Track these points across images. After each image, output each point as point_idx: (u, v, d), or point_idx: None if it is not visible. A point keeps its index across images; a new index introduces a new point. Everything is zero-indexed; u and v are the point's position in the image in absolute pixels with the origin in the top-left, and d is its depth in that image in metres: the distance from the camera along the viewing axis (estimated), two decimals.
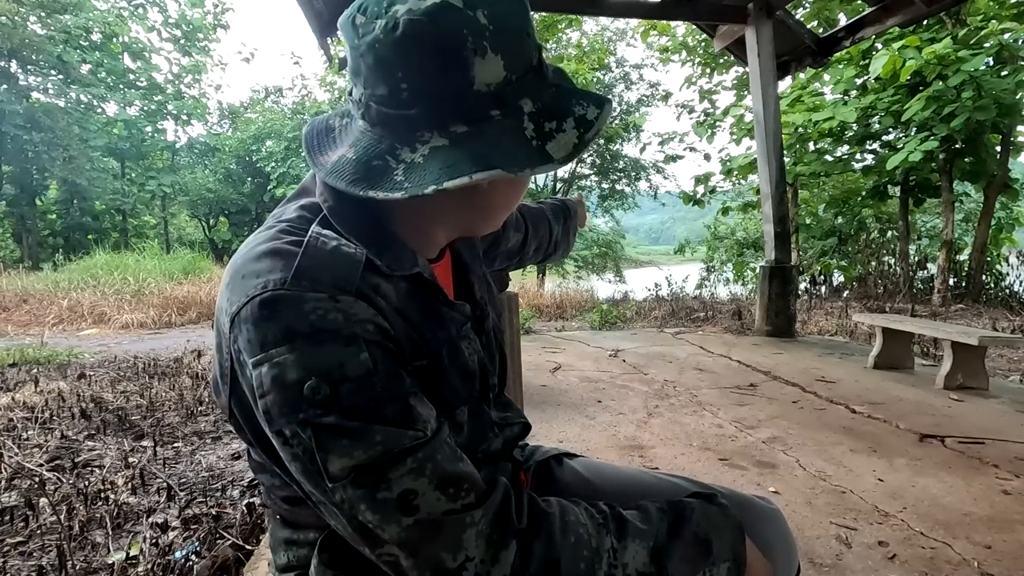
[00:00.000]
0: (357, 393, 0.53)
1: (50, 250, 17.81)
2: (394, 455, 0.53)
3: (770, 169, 5.48)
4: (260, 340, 0.53)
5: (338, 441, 0.52)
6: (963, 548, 1.70)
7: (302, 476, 0.55)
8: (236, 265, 0.60)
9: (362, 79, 0.57)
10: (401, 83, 0.55)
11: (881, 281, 9.05)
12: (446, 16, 0.53)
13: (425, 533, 0.53)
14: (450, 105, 0.56)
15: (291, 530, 0.73)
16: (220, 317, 0.59)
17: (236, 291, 0.57)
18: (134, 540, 1.90)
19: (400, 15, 0.53)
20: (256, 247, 0.60)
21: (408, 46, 0.54)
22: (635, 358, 4.50)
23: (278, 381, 0.53)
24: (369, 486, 0.53)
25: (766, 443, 2.59)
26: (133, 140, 19.72)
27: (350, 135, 0.60)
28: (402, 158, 0.56)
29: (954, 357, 3.51)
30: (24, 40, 16.29)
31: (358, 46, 0.56)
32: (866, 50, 8.44)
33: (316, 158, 0.61)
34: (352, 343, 0.54)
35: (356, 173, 0.56)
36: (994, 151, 8.49)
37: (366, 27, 0.55)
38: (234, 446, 2.86)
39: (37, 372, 4.59)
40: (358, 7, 0.57)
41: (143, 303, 8.60)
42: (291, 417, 0.53)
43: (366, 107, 0.58)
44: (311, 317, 0.54)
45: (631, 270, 21.64)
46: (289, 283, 0.54)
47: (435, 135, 0.56)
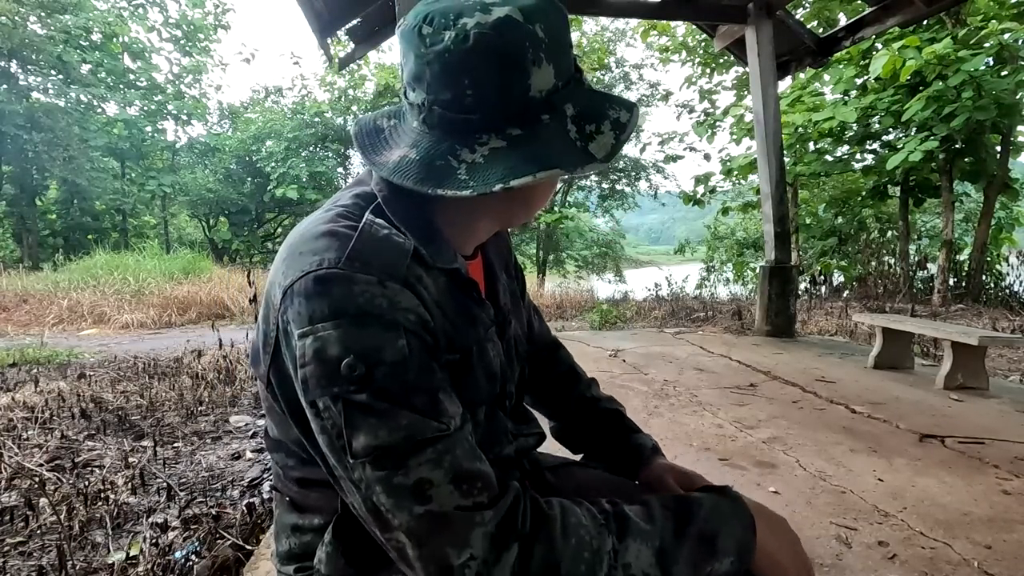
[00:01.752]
0: (390, 377, 0.56)
1: (50, 250, 17.79)
2: (416, 443, 0.56)
3: (770, 169, 5.48)
4: (309, 313, 0.57)
5: (366, 419, 0.56)
6: (963, 548, 1.70)
7: (327, 449, 0.58)
8: (293, 242, 0.64)
9: (425, 84, 0.61)
10: (467, 89, 0.60)
11: (881, 281, 9.05)
12: (511, 30, 0.59)
13: (434, 526, 0.55)
14: (508, 110, 0.61)
15: (298, 515, 0.75)
16: (272, 289, 0.63)
17: (292, 266, 0.61)
18: (134, 540, 1.90)
19: (470, 28, 0.59)
20: (314, 227, 0.64)
21: (477, 56, 0.59)
22: (635, 358, 4.50)
23: (319, 354, 0.56)
24: (387, 469, 0.55)
25: (766, 443, 2.59)
26: (133, 140, 19.70)
27: (405, 136, 0.65)
28: (463, 158, 0.61)
29: (954, 357, 3.51)
30: (24, 40, 16.28)
31: (425, 54, 0.60)
32: (866, 50, 8.44)
33: (372, 157, 0.65)
34: (392, 329, 0.58)
35: (421, 172, 0.61)
36: (994, 151, 8.49)
37: (434, 37, 0.60)
38: (234, 446, 2.86)
39: (37, 372, 4.59)
40: (423, 18, 0.61)
41: (143, 303, 8.60)
42: (326, 390, 0.56)
43: (428, 111, 0.62)
44: (359, 299, 0.58)
45: (631, 270, 21.64)
46: (343, 263, 0.59)
47: (493, 137, 0.61)
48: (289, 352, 0.60)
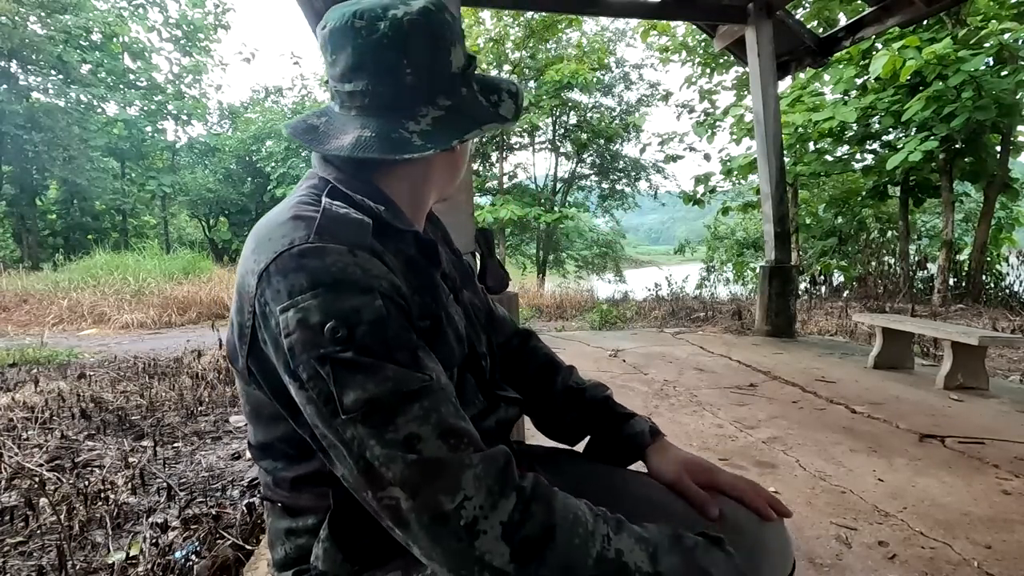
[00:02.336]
0: (371, 334, 0.60)
1: (50, 250, 17.80)
2: (403, 395, 0.59)
3: (770, 169, 5.48)
4: (288, 289, 0.61)
5: (353, 375, 0.59)
6: (963, 548, 1.70)
7: (316, 418, 0.60)
8: (260, 232, 0.69)
9: (365, 72, 0.69)
10: (406, 68, 0.69)
11: (881, 281, 9.04)
12: (434, 15, 0.70)
13: (426, 473, 0.57)
14: (438, 84, 0.72)
15: (291, 519, 0.76)
16: (245, 279, 0.66)
17: (263, 251, 0.65)
18: (134, 540, 1.90)
19: (401, 16, 0.68)
20: (277, 216, 0.69)
21: (411, 38, 0.69)
22: (635, 358, 4.50)
23: (303, 323, 0.59)
24: (378, 426, 0.58)
25: (766, 443, 2.59)
26: (133, 140, 19.71)
27: (347, 124, 0.72)
28: (411, 129, 0.69)
29: (954, 357, 3.51)
30: (24, 40, 16.29)
31: (361, 45, 0.69)
32: (866, 50, 8.43)
33: (321, 147, 0.71)
34: (368, 292, 0.62)
35: (381, 145, 0.68)
36: (994, 151, 8.48)
37: (369, 29, 0.68)
38: (234, 446, 2.86)
39: (37, 372, 4.59)
40: (352, 14, 0.69)
41: (143, 303, 8.60)
42: (312, 352, 0.59)
43: (372, 95, 0.70)
44: (333, 268, 0.62)
45: (631, 270, 21.64)
46: (312, 238, 0.63)
47: (430, 108, 0.71)
48: (268, 333, 0.63)
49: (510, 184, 17.82)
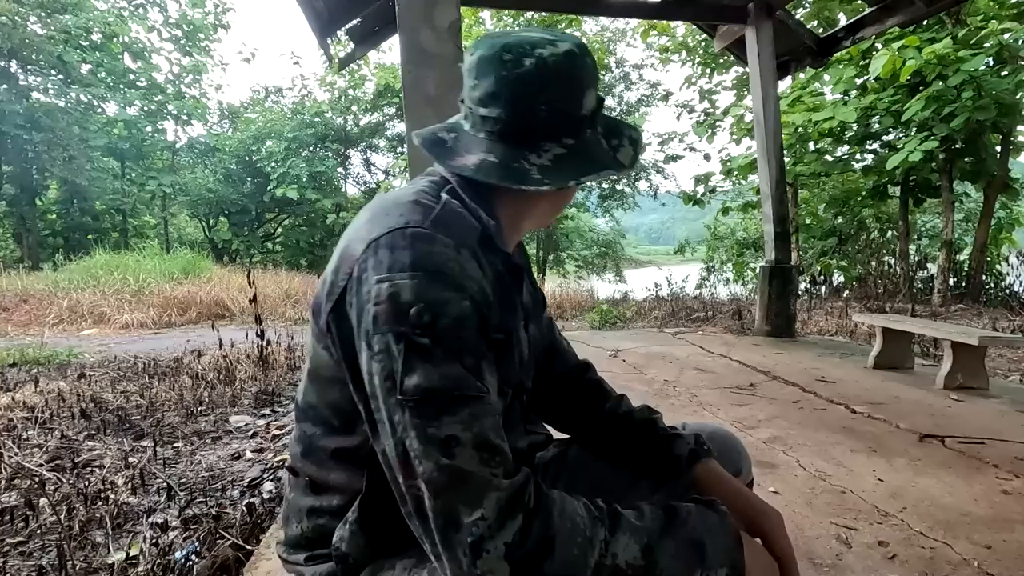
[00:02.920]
0: (451, 329, 0.64)
1: (50, 250, 17.79)
2: (456, 396, 0.62)
3: (770, 169, 5.48)
4: (389, 263, 0.65)
5: (421, 362, 0.62)
6: (963, 548, 1.70)
7: (376, 387, 0.64)
8: (379, 207, 0.75)
9: (502, 101, 0.73)
10: (540, 105, 0.73)
11: (881, 281, 9.04)
12: (575, 58, 0.75)
13: (454, 480, 0.60)
14: (566, 123, 0.75)
15: (315, 496, 0.79)
16: (352, 243, 0.71)
17: (378, 223, 0.70)
18: (134, 540, 1.90)
19: (547, 56, 0.73)
20: (400, 196, 0.75)
21: (552, 78, 0.73)
22: (635, 358, 4.50)
23: (394, 297, 0.63)
24: (425, 418, 0.61)
25: (766, 443, 2.59)
26: (133, 140, 19.68)
27: (473, 145, 0.76)
28: (532, 162, 0.73)
29: (954, 357, 3.51)
30: (24, 40, 16.27)
31: (506, 76, 0.73)
32: (866, 50, 8.43)
33: (448, 162, 0.76)
34: (459, 290, 0.66)
35: (502, 172, 0.72)
36: (994, 151, 8.48)
37: (515, 63, 0.73)
38: (234, 446, 2.86)
39: (37, 372, 4.59)
40: (502, 46, 0.74)
41: (143, 303, 8.60)
42: (393, 327, 0.63)
43: (504, 123, 0.74)
44: (436, 258, 0.66)
45: (631, 270, 21.65)
46: (427, 225, 0.69)
47: (554, 145, 0.75)
48: (357, 297, 0.66)
49: None
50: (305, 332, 6.15)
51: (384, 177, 21.99)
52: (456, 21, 2.89)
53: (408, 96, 2.87)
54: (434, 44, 2.86)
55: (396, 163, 19.29)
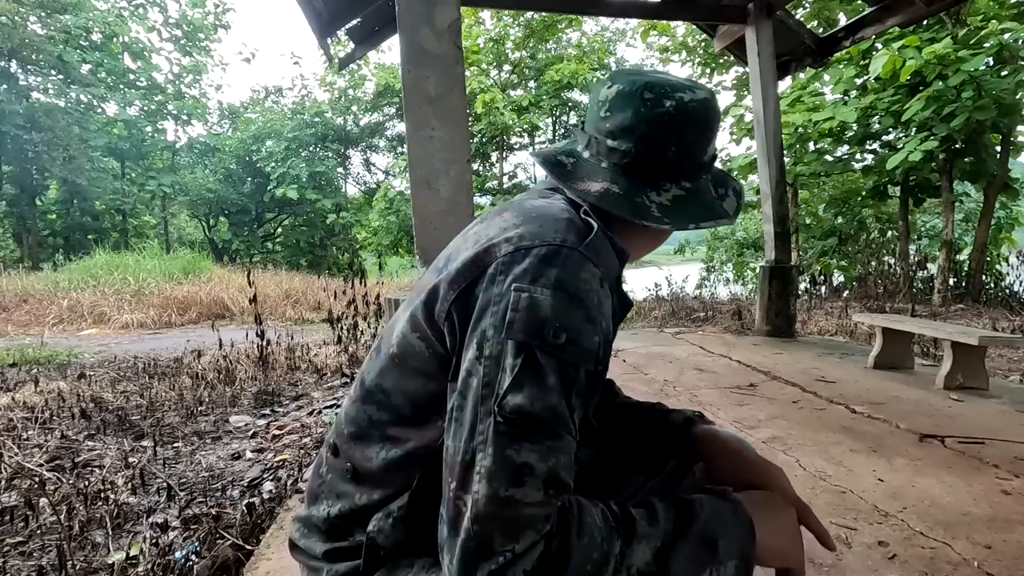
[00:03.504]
0: (575, 360, 0.63)
1: (50, 250, 17.80)
2: (546, 429, 0.60)
3: (770, 169, 5.48)
4: (535, 274, 0.64)
5: (533, 383, 0.60)
6: (963, 548, 1.70)
7: (469, 388, 0.62)
8: (532, 212, 0.73)
9: (634, 137, 0.76)
10: (671, 146, 0.76)
11: (881, 281, 9.04)
12: (711, 105, 0.78)
13: (501, 513, 0.58)
14: (688, 167, 0.78)
15: (357, 485, 0.77)
16: (494, 240, 0.69)
17: (531, 230, 0.69)
18: (134, 540, 1.90)
19: (686, 100, 0.76)
20: (549, 207, 0.74)
21: (687, 122, 0.76)
22: (635, 358, 4.50)
23: (532, 309, 0.62)
24: (508, 438, 0.59)
25: (766, 443, 2.59)
26: (133, 140, 19.69)
27: (594, 173, 0.78)
28: (652, 199, 0.76)
29: (954, 357, 3.51)
30: (24, 40, 16.27)
31: (643, 114, 0.76)
32: (866, 50, 8.43)
33: (571, 185, 0.77)
34: (593, 324, 0.65)
35: (625, 205, 0.75)
36: (994, 151, 8.48)
37: (656, 102, 0.75)
38: (234, 446, 2.86)
39: (37, 372, 4.59)
40: (644, 85, 0.76)
41: (143, 303, 8.60)
42: (525, 336, 0.61)
43: (632, 158, 0.76)
44: (581, 284, 0.65)
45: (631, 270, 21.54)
46: (583, 248, 0.68)
47: (673, 186, 0.77)
48: (486, 294, 0.65)
49: (510, 184, 17.82)
50: (305, 333, 6.15)
51: (384, 177, 21.98)
52: (456, 21, 2.89)
53: (408, 96, 2.87)
54: (434, 44, 2.86)
55: (396, 163, 19.28)
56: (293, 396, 3.84)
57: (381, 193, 17.86)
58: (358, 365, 4.61)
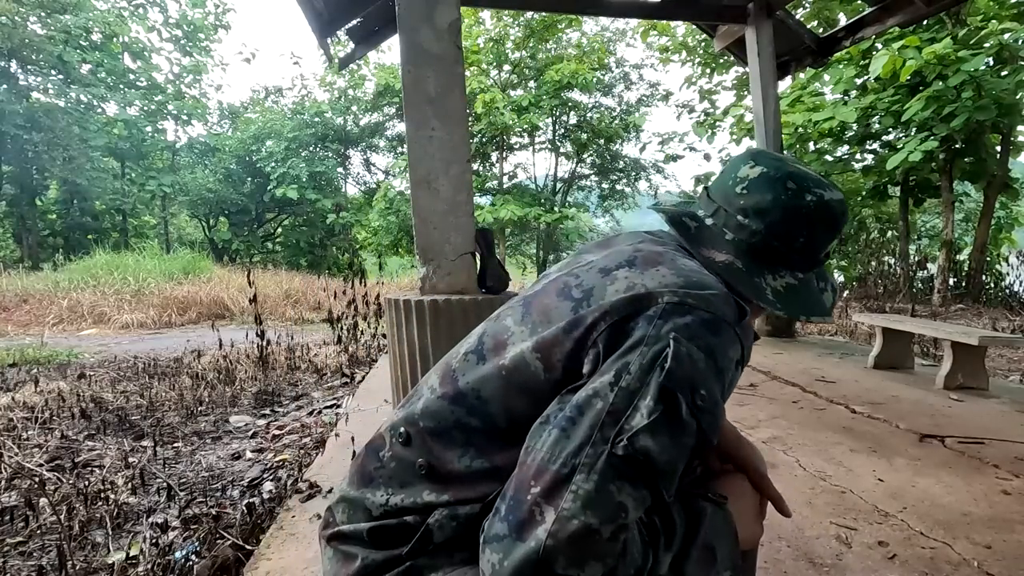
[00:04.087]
0: (707, 428, 0.64)
1: (50, 250, 17.79)
2: (654, 482, 0.61)
3: None
4: (694, 334, 0.65)
5: (669, 435, 0.61)
6: (963, 548, 1.70)
7: (591, 409, 0.62)
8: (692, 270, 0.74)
9: (769, 222, 0.79)
10: (800, 237, 0.80)
11: (881, 281, 9.04)
12: (844, 210, 0.82)
13: (579, 538, 0.57)
14: (806, 260, 0.82)
15: (430, 482, 0.73)
16: (651, 283, 0.70)
17: (695, 289, 0.70)
18: (134, 540, 1.90)
19: (826, 199, 0.80)
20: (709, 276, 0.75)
21: (821, 219, 0.80)
22: None
23: (689, 364, 0.63)
24: (618, 472, 0.59)
25: (766, 443, 2.59)
26: (133, 140, 19.68)
27: (720, 243, 0.82)
28: (768, 283, 0.80)
29: (954, 357, 3.51)
30: (24, 40, 16.27)
31: (783, 202, 0.79)
32: (866, 50, 8.43)
33: (700, 250, 0.81)
34: (723, 395, 0.68)
35: (746, 283, 0.78)
36: (994, 151, 8.48)
37: (798, 194, 0.79)
38: (234, 446, 2.86)
39: (37, 372, 4.59)
40: (789, 175, 0.80)
41: (143, 303, 8.60)
42: (679, 387, 0.62)
43: (760, 239, 0.80)
44: (727, 363, 0.68)
45: None
46: (737, 328, 0.70)
47: (788, 273, 0.81)
48: (642, 334, 0.66)
49: (510, 184, 17.82)
50: (305, 333, 6.16)
51: (384, 177, 21.99)
52: (456, 21, 2.89)
53: (408, 96, 2.87)
54: (434, 44, 2.86)
55: (396, 163, 19.28)
56: (293, 396, 3.84)
57: (381, 193, 17.86)
58: (358, 365, 4.60)
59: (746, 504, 0.79)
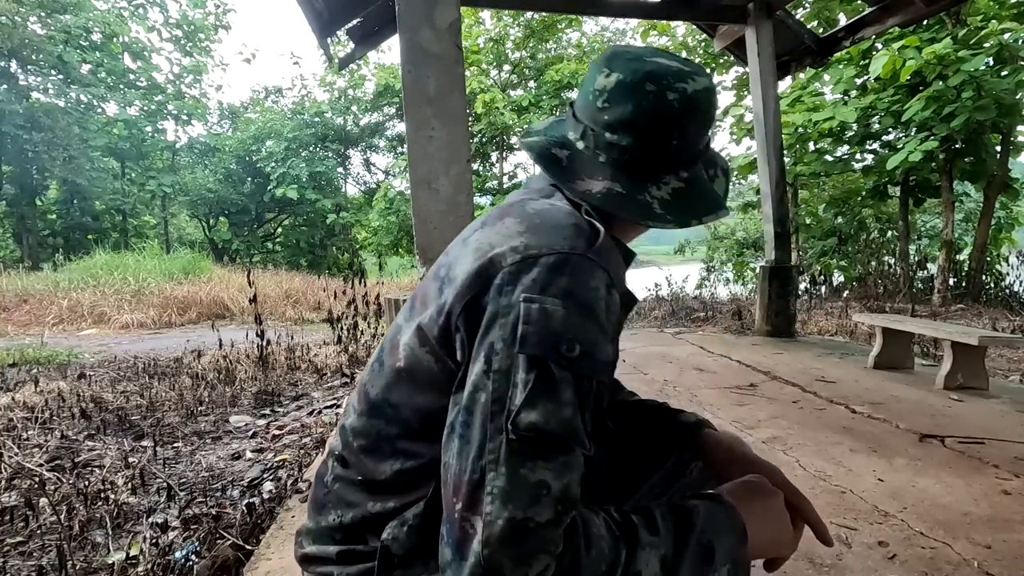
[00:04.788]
0: (591, 372, 0.61)
1: (50, 250, 17.79)
2: (560, 445, 0.58)
3: (770, 169, 5.48)
4: (544, 284, 0.62)
5: (548, 398, 0.58)
6: (963, 548, 1.70)
7: (476, 403, 0.60)
8: (537, 217, 0.69)
9: (636, 131, 0.72)
10: (674, 139, 0.73)
11: (881, 281, 9.04)
12: (712, 94, 0.75)
13: (513, 537, 0.56)
14: (687, 157, 0.75)
15: (370, 495, 0.74)
16: (499, 249, 0.66)
17: (537, 236, 0.66)
18: (134, 540, 1.90)
19: (690, 92, 0.72)
20: (555, 212, 0.71)
21: (691, 114, 0.73)
22: (635, 358, 4.50)
23: (545, 321, 0.60)
24: (522, 457, 0.57)
25: (766, 443, 2.59)
26: (133, 140, 19.69)
27: (594, 169, 0.74)
28: (654, 195, 0.73)
29: (954, 357, 3.51)
30: (24, 40, 16.28)
31: (646, 108, 0.72)
32: (866, 50, 8.43)
33: (570, 185, 0.74)
34: (605, 333, 0.63)
35: (629, 206, 0.72)
36: (994, 151, 8.48)
37: (659, 96, 0.72)
38: (234, 446, 2.86)
39: (37, 372, 4.59)
40: (646, 74, 0.72)
41: (143, 303, 8.60)
42: (539, 350, 0.59)
43: (632, 153, 0.73)
44: (591, 293, 0.63)
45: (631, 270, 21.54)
46: (592, 254, 0.65)
47: (672, 178, 0.75)
48: (495, 304, 0.62)
49: (510, 184, 17.82)
50: (305, 333, 6.15)
51: (384, 177, 21.99)
52: (456, 21, 2.89)
53: (408, 96, 2.87)
54: (434, 44, 2.86)
55: (396, 163, 19.28)
56: (293, 396, 3.84)
57: (381, 193, 17.86)
58: (358, 365, 4.60)
59: (765, 507, 0.74)
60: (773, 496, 0.76)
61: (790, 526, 0.75)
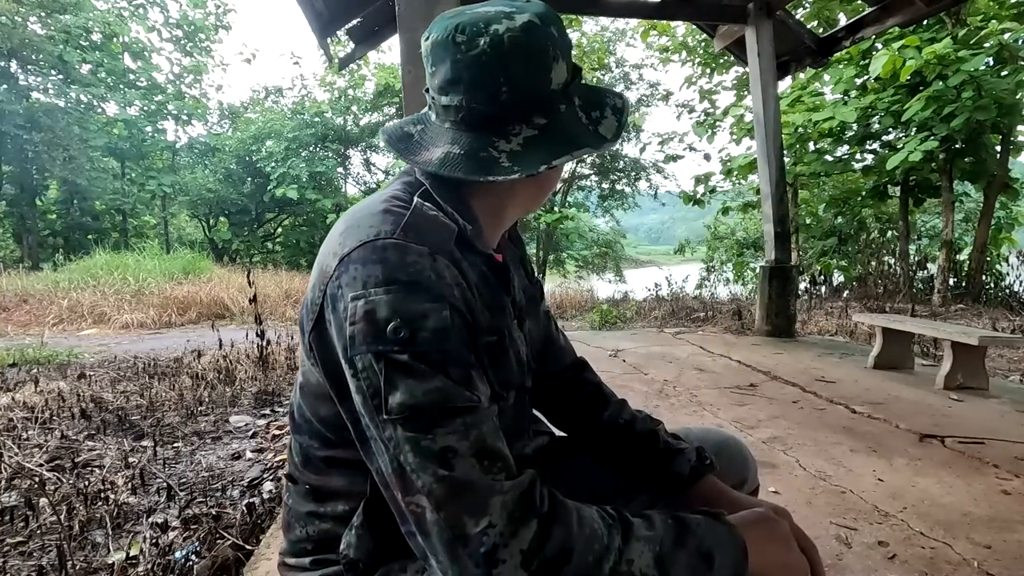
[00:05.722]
0: (431, 342, 0.61)
1: (50, 250, 17.79)
2: (446, 409, 0.59)
3: (770, 169, 5.48)
4: (363, 279, 0.62)
5: (404, 379, 0.59)
6: (963, 548, 1.70)
7: (362, 408, 0.62)
8: (352, 218, 0.70)
9: (462, 87, 0.68)
10: (502, 87, 0.67)
11: (881, 281, 9.04)
12: (536, 31, 0.68)
13: (455, 490, 0.57)
14: (535, 102, 0.69)
15: (317, 503, 0.77)
16: (326, 259, 0.67)
17: (350, 236, 0.66)
18: (134, 540, 1.90)
19: (503, 32, 0.67)
20: (371, 206, 0.70)
21: (511, 55, 0.67)
22: (635, 358, 4.50)
23: (369, 315, 0.60)
24: (417, 432, 0.59)
25: (766, 443, 2.59)
26: (133, 140, 19.69)
27: (439, 136, 0.71)
28: (502, 148, 0.68)
29: (954, 357, 3.51)
30: (24, 40, 16.28)
31: (461, 59, 0.67)
32: (866, 50, 8.43)
33: (412, 158, 0.72)
34: (438, 300, 0.62)
35: (469, 164, 0.68)
36: (994, 151, 8.48)
37: (469, 44, 0.67)
38: (234, 446, 2.86)
39: (37, 372, 4.59)
40: (454, 27, 0.68)
41: (143, 303, 8.60)
42: (371, 347, 0.60)
43: (466, 110, 0.69)
44: (410, 268, 0.63)
45: (631, 270, 21.64)
46: (398, 234, 0.65)
47: (524, 127, 0.69)
48: (335, 315, 0.64)
49: None
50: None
51: (384, 177, 21.99)
52: None
53: (408, 96, 2.87)
54: None
55: (396, 163, 19.28)
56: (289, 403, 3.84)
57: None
58: None
59: (771, 532, 0.71)
60: (777, 522, 0.73)
61: (798, 551, 0.72)
